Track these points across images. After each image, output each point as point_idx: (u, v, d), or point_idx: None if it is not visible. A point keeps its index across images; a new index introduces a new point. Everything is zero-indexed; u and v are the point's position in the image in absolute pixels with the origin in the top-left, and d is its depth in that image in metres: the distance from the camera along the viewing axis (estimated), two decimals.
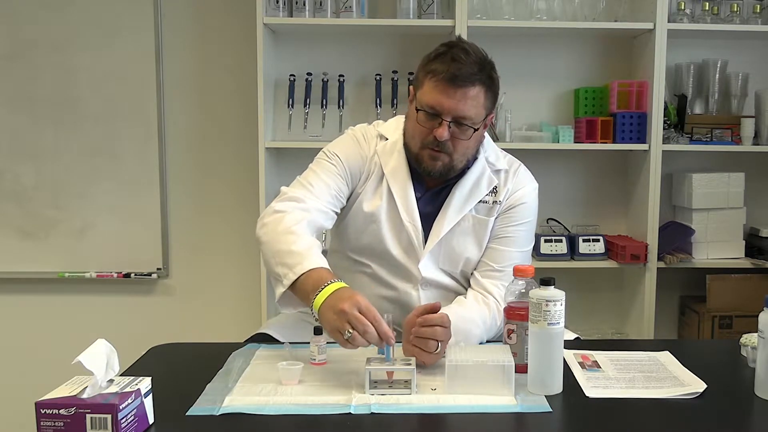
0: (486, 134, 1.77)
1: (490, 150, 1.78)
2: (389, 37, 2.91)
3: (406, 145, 1.71)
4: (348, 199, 1.74)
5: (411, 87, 1.71)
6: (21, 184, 2.97)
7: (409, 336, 1.47)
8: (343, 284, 1.43)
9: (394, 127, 1.78)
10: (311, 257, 1.49)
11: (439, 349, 1.45)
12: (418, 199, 1.72)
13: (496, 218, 1.74)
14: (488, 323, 1.64)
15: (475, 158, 1.73)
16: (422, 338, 1.45)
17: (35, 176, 2.97)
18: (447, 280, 1.75)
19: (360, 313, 1.35)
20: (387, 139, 1.76)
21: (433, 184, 1.74)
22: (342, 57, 2.91)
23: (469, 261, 1.74)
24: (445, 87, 1.58)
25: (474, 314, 1.64)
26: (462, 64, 1.57)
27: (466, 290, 1.75)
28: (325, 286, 1.42)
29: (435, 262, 1.73)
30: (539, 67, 2.93)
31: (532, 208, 1.78)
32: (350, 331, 1.34)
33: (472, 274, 1.75)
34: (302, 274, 1.46)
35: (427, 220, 1.72)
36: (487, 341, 1.64)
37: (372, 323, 1.35)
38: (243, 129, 2.94)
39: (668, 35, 2.68)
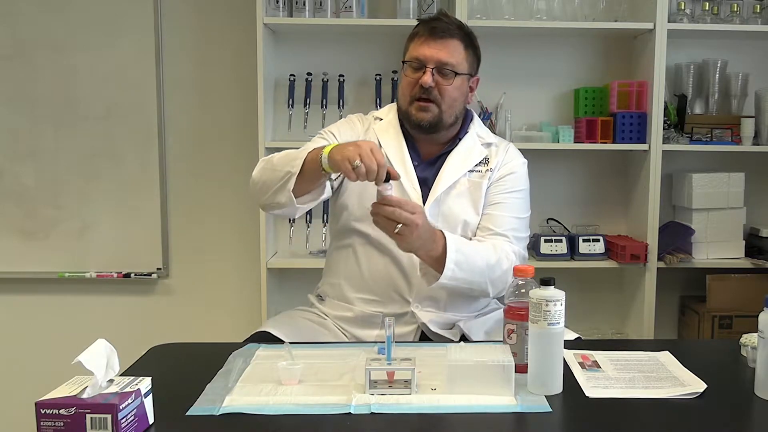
0: (476, 115, 1.93)
1: (480, 127, 1.92)
2: (389, 37, 2.90)
3: (399, 109, 1.85)
4: None
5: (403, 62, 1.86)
6: (21, 184, 2.97)
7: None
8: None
9: (387, 110, 1.93)
10: (311, 148, 1.64)
11: (398, 230, 1.53)
12: (414, 167, 1.82)
13: (489, 186, 1.84)
14: (491, 262, 1.71)
15: (465, 132, 1.86)
16: (385, 218, 1.55)
17: (35, 176, 2.96)
18: None
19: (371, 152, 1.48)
20: (381, 119, 1.90)
21: (428, 153, 1.85)
22: (342, 57, 2.91)
23: (467, 225, 1.81)
24: (426, 39, 1.78)
25: (480, 249, 1.73)
26: (441, 22, 1.79)
27: None
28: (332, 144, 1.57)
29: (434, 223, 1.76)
30: (539, 67, 2.93)
31: (523, 179, 1.89)
32: (359, 162, 1.46)
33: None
34: (309, 154, 1.59)
35: (425, 186, 1.82)
36: (488, 342, 1.64)
37: (378, 163, 1.47)
38: (243, 129, 2.94)
39: (668, 35, 2.67)
